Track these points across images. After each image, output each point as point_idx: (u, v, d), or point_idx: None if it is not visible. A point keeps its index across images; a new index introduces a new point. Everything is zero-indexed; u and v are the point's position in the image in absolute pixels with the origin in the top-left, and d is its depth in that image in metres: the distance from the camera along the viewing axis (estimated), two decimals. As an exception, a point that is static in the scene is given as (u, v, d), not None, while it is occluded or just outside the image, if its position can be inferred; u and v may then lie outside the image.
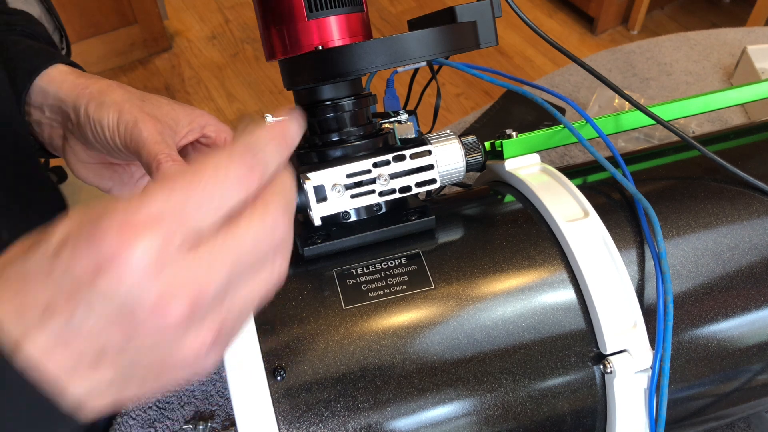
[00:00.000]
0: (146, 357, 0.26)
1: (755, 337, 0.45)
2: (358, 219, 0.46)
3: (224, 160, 0.26)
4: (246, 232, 0.26)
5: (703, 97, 0.54)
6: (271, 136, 0.28)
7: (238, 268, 0.26)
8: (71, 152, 0.52)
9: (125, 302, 0.24)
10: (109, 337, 0.25)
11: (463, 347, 0.40)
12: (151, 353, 0.26)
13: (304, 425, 0.38)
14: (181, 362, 0.27)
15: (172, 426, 0.64)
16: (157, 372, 0.27)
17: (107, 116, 0.46)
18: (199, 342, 0.26)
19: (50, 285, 0.25)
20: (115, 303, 0.24)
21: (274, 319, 0.40)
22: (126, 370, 0.26)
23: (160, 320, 0.25)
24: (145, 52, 2.31)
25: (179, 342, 0.26)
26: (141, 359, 0.26)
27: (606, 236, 0.42)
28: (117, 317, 0.25)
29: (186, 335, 0.26)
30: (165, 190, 0.25)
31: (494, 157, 0.52)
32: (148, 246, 0.24)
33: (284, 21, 0.43)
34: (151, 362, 0.27)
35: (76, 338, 0.25)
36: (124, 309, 0.25)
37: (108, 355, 0.26)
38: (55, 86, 0.49)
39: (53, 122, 0.51)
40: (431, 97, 0.59)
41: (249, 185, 0.27)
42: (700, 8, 2.49)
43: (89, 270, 0.24)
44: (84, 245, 0.24)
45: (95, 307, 0.24)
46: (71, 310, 0.25)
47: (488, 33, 0.45)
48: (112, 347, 0.26)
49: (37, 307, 0.25)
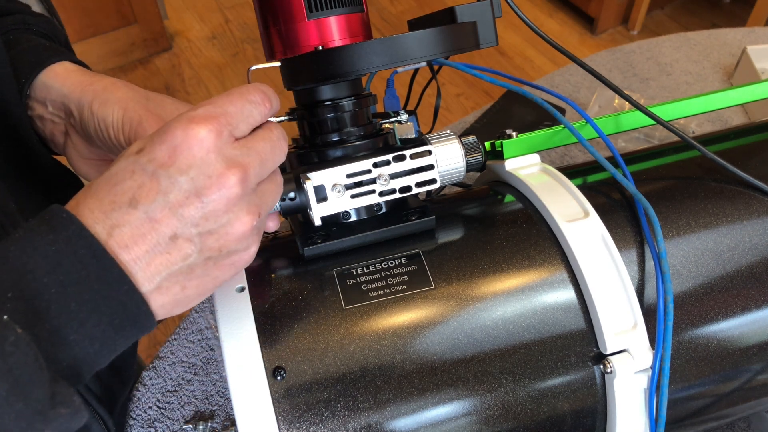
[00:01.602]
0: (212, 237, 0.33)
1: (755, 337, 0.45)
2: (358, 219, 0.46)
3: (247, 88, 0.36)
4: (266, 137, 0.36)
5: (703, 97, 0.54)
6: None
7: (263, 163, 0.35)
8: (73, 148, 0.52)
9: (199, 172, 0.32)
10: (184, 214, 0.32)
11: (463, 347, 0.40)
12: (216, 230, 0.33)
13: (304, 425, 0.38)
14: (236, 240, 0.34)
15: (172, 426, 0.64)
16: (216, 257, 0.34)
17: (111, 114, 0.47)
18: (249, 218, 0.34)
19: (136, 175, 0.32)
20: (191, 174, 0.32)
21: (274, 319, 0.40)
22: (194, 257, 0.33)
23: (224, 188, 0.32)
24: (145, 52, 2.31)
25: (237, 214, 0.33)
26: (207, 241, 0.33)
27: (606, 236, 0.42)
28: (192, 188, 0.32)
29: (240, 209, 0.33)
30: (211, 103, 0.34)
31: (494, 157, 0.52)
32: (208, 132, 0.32)
33: (284, 21, 0.43)
34: (213, 244, 0.33)
35: (154, 226, 0.31)
36: (198, 179, 0.32)
37: (179, 241, 0.32)
38: (59, 82, 0.50)
39: (55, 118, 0.51)
40: (431, 97, 0.59)
41: (264, 110, 0.36)
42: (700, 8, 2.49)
43: (167, 154, 0.32)
44: (159, 140, 0.32)
45: (175, 181, 0.32)
46: (155, 189, 0.31)
47: (488, 33, 0.45)
48: (185, 230, 0.32)
49: (125, 200, 0.31)
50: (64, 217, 0.30)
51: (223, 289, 0.41)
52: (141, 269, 0.32)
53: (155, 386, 0.67)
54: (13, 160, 0.51)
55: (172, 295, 0.34)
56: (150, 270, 0.32)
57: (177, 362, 0.69)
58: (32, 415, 0.27)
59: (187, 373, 0.68)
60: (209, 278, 0.35)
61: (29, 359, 0.27)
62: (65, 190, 0.57)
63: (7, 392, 0.26)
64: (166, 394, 0.67)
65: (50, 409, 0.28)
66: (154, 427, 0.64)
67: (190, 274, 0.34)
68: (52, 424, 0.28)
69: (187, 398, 0.66)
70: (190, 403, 0.66)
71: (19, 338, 0.27)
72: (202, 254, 0.33)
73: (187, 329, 0.72)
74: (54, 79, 0.50)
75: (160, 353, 0.70)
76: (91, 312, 0.30)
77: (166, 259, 0.32)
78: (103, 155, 0.53)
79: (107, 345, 0.31)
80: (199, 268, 0.34)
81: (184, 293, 0.34)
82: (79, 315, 0.30)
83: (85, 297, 0.30)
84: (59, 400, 0.28)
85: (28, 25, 0.54)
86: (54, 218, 0.30)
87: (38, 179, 0.54)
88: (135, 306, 0.31)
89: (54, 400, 0.28)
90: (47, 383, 0.28)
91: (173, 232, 0.32)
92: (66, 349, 0.30)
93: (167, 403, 0.66)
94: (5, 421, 0.26)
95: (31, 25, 0.54)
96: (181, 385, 0.67)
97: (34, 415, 0.27)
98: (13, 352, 0.27)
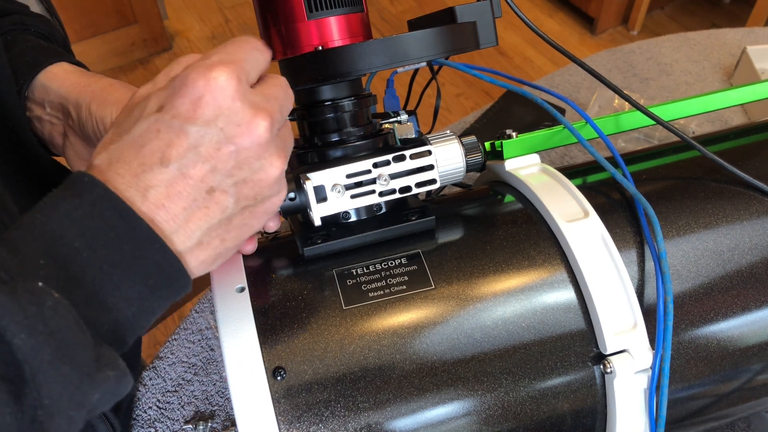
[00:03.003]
0: (246, 186, 0.33)
1: (755, 337, 0.45)
2: (358, 219, 0.46)
3: (246, 38, 0.35)
4: (277, 83, 0.35)
5: (703, 98, 0.54)
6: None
7: (282, 108, 0.35)
8: (71, 149, 0.52)
9: (227, 121, 0.31)
10: (217, 165, 0.32)
11: (463, 347, 0.40)
12: (250, 178, 0.33)
13: (304, 425, 0.38)
14: (269, 185, 0.34)
15: (172, 426, 0.64)
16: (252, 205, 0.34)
17: (110, 115, 0.47)
18: (280, 161, 0.34)
19: (162, 134, 0.31)
20: (219, 123, 0.31)
21: (275, 319, 0.40)
22: (231, 208, 0.33)
23: (254, 135, 0.32)
24: (145, 52, 2.31)
25: (269, 159, 0.33)
26: (243, 190, 0.33)
27: (606, 236, 0.42)
28: (223, 137, 0.31)
29: (270, 153, 0.33)
30: (220, 51, 0.33)
31: (494, 157, 0.52)
32: (228, 79, 0.31)
33: (284, 21, 0.43)
34: (248, 192, 0.33)
35: (189, 182, 0.31)
36: (228, 128, 0.31)
37: (215, 194, 0.32)
38: (57, 83, 0.50)
39: (53, 119, 0.51)
40: (431, 97, 0.59)
41: (267, 56, 0.36)
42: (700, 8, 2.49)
43: (191, 106, 0.31)
44: (180, 93, 0.31)
45: (205, 133, 0.31)
46: (185, 144, 0.31)
47: (488, 33, 0.45)
48: (220, 182, 0.32)
49: (155, 160, 0.31)
50: (87, 181, 0.30)
51: (223, 289, 0.41)
52: (180, 226, 0.32)
53: (155, 386, 0.67)
54: (13, 161, 0.51)
55: (212, 249, 0.33)
56: (190, 226, 0.32)
57: (177, 362, 0.69)
58: (79, 378, 0.27)
59: (187, 373, 0.68)
60: (246, 227, 0.35)
61: (70, 322, 0.27)
62: None
63: (52, 356, 0.26)
64: (166, 394, 0.67)
65: (97, 372, 0.27)
66: (154, 427, 0.64)
67: (228, 225, 0.34)
68: (100, 386, 0.28)
69: (187, 398, 0.66)
70: (190, 403, 0.66)
71: (57, 302, 0.27)
72: (239, 204, 0.33)
73: (187, 329, 0.72)
74: (52, 80, 0.50)
75: (160, 353, 0.70)
76: (125, 273, 0.30)
77: (204, 213, 0.32)
78: None
79: (145, 307, 0.31)
80: (236, 218, 0.34)
81: (224, 245, 0.34)
82: (113, 277, 0.29)
83: (116, 259, 0.29)
84: (105, 362, 0.28)
85: (26, 25, 0.54)
86: (77, 183, 0.30)
87: (38, 180, 0.54)
88: (169, 265, 0.31)
89: (100, 363, 0.28)
90: (91, 346, 0.28)
91: (209, 185, 0.32)
92: (105, 313, 0.30)
93: (167, 403, 0.66)
94: (53, 385, 0.26)
95: (29, 26, 0.54)
96: (181, 385, 0.67)
97: (82, 378, 0.27)
98: (53, 315, 0.26)
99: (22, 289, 0.26)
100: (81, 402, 0.27)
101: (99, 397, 0.28)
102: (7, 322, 0.25)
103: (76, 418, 0.27)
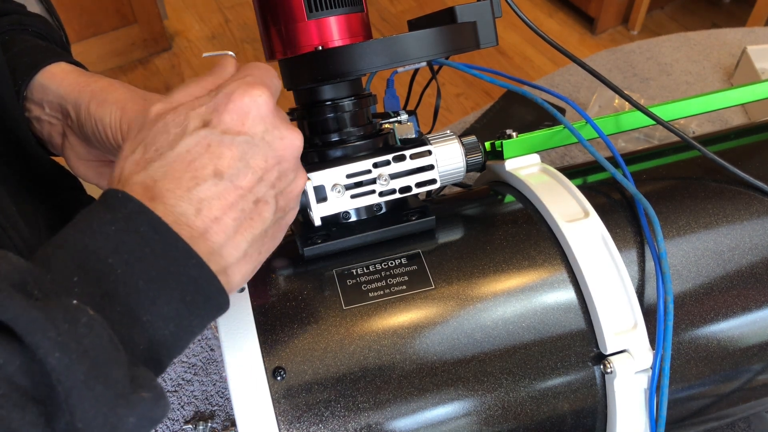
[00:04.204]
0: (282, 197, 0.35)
1: (755, 337, 0.45)
2: (358, 219, 0.46)
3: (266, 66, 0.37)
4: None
5: (703, 97, 0.54)
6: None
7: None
8: (70, 150, 0.52)
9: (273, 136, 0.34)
10: (264, 176, 0.33)
11: (463, 347, 0.40)
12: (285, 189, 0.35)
13: (304, 425, 0.38)
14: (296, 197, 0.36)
15: (172, 426, 0.64)
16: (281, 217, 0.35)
17: (109, 115, 0.46)
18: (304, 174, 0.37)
19: (212, 147, 0.32)
20: (266, 137, 0.33)
21: (275, 319, 0.40)
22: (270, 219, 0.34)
23: (294, 146, 0.35)
24: (145, 52, 2.31)
25: (299, 173, 0.36)
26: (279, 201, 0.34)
27: (606, 236, 0.42)
28: (270, 150, 0.33)
29: (299, 167, 0.36)
30: (249, 73, 0.35)
31: (494, 157, 0.52)
32: (268, 96, 0.34)
33: (284, 21, 0.43)
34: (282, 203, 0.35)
35: (240, 192, 0.32)
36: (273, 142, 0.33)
37: (260, 205, 0.33)
38: (55, 83, 0.49)
39: (52, 119, 0.51)
40: (431, 97, 0.59)
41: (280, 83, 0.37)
42: (700, 8, 2.49)
43: (238, 120, 0.33)
44: (226, 109, 0.33)
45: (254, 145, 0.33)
46: (236, 156, 0.32)
47: (488, 33, 0.45)
48: (265, 192, 0.33)
49: (208, 173, 0.31)
50: (121, 197, 0.30)
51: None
52: (230, 238, 0.32)
53: (155, 386, 0.67)
54: (12, 162, 0.51)
55: (252, 261, 0.34)
56: (237, 238, 0.32)
57: (177, 362, 0.69)
58: (114, 398, 0.26)
59: (187, 373, 0.68)
60: (275, 240, 0.36)
61: (104, 340, 0.26)
62: (64, 192, 0.57)
63: (85, 375, 0.25)
64: (166, 394, 0.67)
65: (132, 393, 0.26)
66: (154, 427, 0.64)
67: (265, 237, 0.34)
68: (135, 409, 0.26)
69: (187, 398, 0.66)
70: (190, 403, 0.66)
71: (92, 319, 0.26)
72: (276, 215, 0.34)
73: (187, 329, 0.72)
74: (51, 80, 0.49)
75: (160, 353, 0.70)
76: (161, 290, 0.29)
77: (249, 225, 0.33)
78: (101, 156, 0.52)
79: (182, 326, 0.30)
80: (271, 229, 0.35)
81: (260, 258, 0.35)
82: (149, 293, 0.29)
83: (152, 274, 0.29)
84: (140, 383, 0.27)
85: (24, 25, 0.54)
86: (110, 198, 0.30)
87: (37, 181, 0.54)
88: (206, 281, 0.30)
89: (135, 383, 0.27)
90: (126, 365, 0.27)
91: (256, 196, 0.33)
92: (141, 331, 0.29)
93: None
94: (86, 406, 0.25)
95: (27, 26, 0.54)
96: (181, 385, 0.67)
97: (116, 399, 0.26)
98: (87, 333, 0.26)
99: (55, 306, 0.26)
100: (115, 425, 0.26)
101: (135, 422, 0.27)
102: (40, 339, 0.24)
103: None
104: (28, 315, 0.24)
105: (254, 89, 0.33)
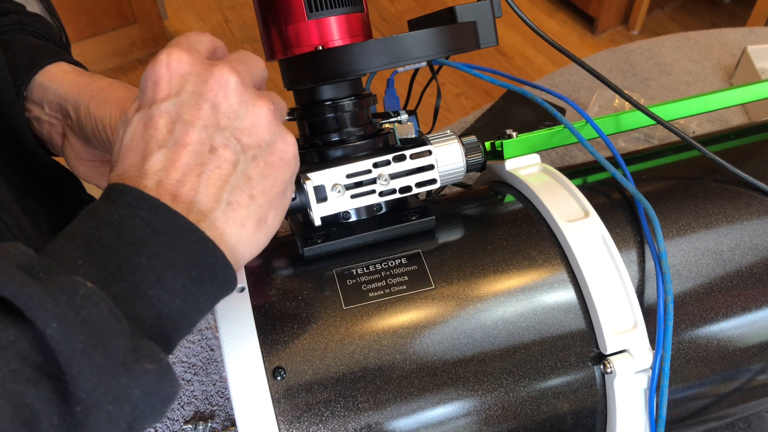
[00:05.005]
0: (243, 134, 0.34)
1: (755, 337, 0.45)
2: (359, 219, 0.46)
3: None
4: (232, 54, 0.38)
5: (703, 97, 0.54)
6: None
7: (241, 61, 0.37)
8: (71, 150, 0.52)
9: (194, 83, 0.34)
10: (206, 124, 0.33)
11: (463, 347, 0.40)
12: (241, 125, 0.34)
13: (304, 425, 0.38)
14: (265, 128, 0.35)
15: (172, 426, 0.64)
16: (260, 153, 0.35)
17: (109, 114, 0.46)
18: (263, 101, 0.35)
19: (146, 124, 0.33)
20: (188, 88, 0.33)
21: (275, 319, 0.40)
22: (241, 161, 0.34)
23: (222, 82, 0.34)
24: (145, 52, 2.31)
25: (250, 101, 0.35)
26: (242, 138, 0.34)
27: (606, 236, 0.42)
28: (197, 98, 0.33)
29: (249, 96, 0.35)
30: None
31: (494, 157, 0.52)
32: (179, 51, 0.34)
33: (284, 21, 0.43)
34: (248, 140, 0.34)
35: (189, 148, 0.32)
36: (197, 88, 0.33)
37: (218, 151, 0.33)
38: (55, 83, 0.49)
39: (52, 119, 0.51)
40: (431, 97, 0.59)
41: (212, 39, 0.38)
42: (700, 8, 2.49)
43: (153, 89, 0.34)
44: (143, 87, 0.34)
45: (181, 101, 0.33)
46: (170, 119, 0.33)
47: (488, 33, 0.45)
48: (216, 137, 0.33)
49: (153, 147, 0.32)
50: (121, 189, 0.31)
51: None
52: (204, 193, 0.32)
53: (155, 386, 0.67)
54: (12, 162, 0.51)
55: (245, 207, 0.34)
56: (212, 190, 0.32)
57: (177, 362, 0.69)
58: (114, 368, 0.26)
59: (187, 373, 0.68)
60: (270, 179, 0.35)
61: (103, 310, 0.26)
62: (65, 191, 0.57)
63: (84, 344, 0.25)
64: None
65: (133, 362, 0.26)
66: (153, 427, 0.64)
67: (247, 179, 0.34)
68: (139, 380, 0.27)
69: (187, 398, 0.66)
70: (190, 403, 0.66)
71: (90, 291, 0.26)
72: (247, 153, 0.34)
73: (187, 329, 0.72)
74: (50, 80, 0.49)
75: (160, 353, 0.70)
76: (166, 264, 0.30)
77: (218, 173, 0.33)
78: (101, 156, 0.52)
79: (190, 301, 0.31)
80: (252, 169, 0.34)
81: (257, 203, 0.34)
82: (154, 269, 0.29)
83: (154, 251, 0.30)
84: (144, 353, 0.27)
85: (23, 25, 0.54)
86: (112, 192, 0.31)
87: (38, 181, 0.54)
88: (210, 255, 0.31)
89: (137, 353, 0.27)
90: (127, 335, 0.27)
91: (209, 145, 0.33)
92: (148, 305, 0.29)
93: (167, 403, 0.66)
94: (86, 375, 0.25)
95: (26, 26, 0.54)
96: (181, 385, 0.67)
97: (117, 368, 0.26)
98: (85, 303, 0.26)
99: (54, 281, 0.26)
100: (118, 397, 0.26)
101: (140, 395, 0.27)
102: (38, 311, 0.25)
103: (115, 416, 0.26)
104: (27, 289, 0.25)
105: (161, 55, 0.34)
